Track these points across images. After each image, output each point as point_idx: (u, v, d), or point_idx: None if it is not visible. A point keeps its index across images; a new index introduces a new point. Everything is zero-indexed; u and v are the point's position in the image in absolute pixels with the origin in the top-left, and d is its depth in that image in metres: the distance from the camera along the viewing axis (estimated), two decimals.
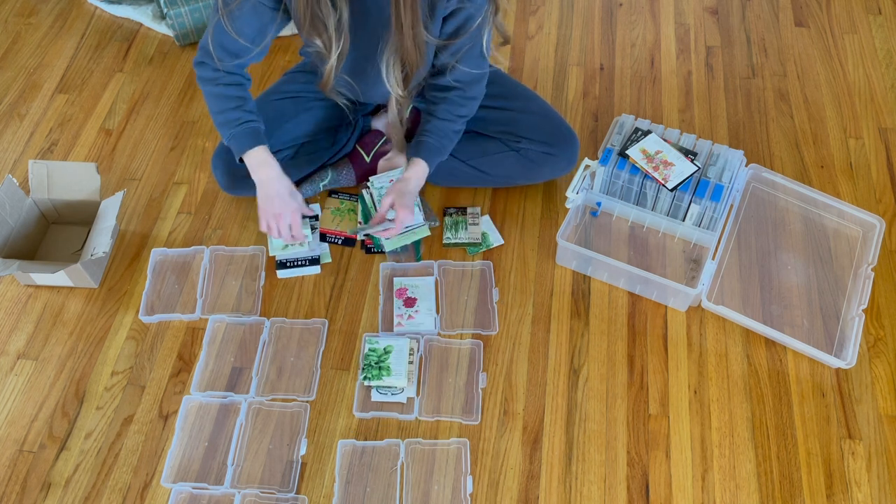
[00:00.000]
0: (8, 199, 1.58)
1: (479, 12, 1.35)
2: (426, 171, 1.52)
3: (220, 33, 1.38)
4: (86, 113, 1.89)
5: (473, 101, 1.51)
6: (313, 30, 1.33)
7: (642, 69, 1.95)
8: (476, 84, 1.49)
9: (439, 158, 1.53)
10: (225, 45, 1.39)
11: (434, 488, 1.32)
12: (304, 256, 1.57)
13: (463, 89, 1.48)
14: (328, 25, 1.32)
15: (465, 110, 1.51)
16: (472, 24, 1.37)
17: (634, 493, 1.32)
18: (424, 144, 1.50)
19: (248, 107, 1.46)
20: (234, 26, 1.36)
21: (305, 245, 1.56)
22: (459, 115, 1.50)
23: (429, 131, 1.50)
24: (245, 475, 1.34)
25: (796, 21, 2.07)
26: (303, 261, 1.56)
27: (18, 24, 2.11)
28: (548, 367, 1.45)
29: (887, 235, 1.62)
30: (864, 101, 1.87)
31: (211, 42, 1.39)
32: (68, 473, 1.36)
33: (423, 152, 1.50)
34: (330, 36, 1.34)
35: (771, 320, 1.49)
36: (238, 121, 1.45)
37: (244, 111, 1.46)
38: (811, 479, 1.33)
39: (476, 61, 1.45)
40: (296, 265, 1.56)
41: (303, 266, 1.56)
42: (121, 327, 1.52)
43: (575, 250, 1.52)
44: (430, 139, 1.50)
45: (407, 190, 1.49)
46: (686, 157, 1.58)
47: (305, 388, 1.44)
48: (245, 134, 1.46)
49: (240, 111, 1.45)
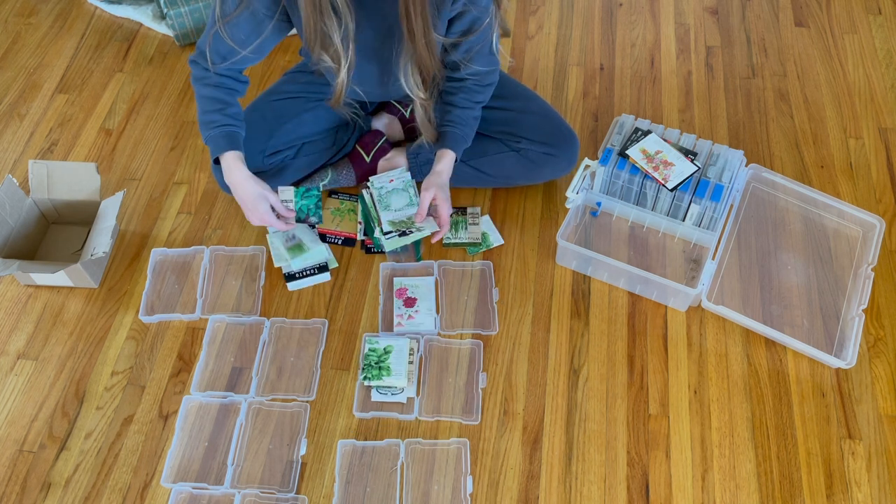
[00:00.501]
0: (8, 199, 1.58)
1: (485, 14, 1.37)
2: (454, 160, 1.53)
3: (216, 39, 1.38)
4: (86, 113, 1.89)
5: (489, 87, 1.53)
6: (321, 45, 1.34)
7: (642, 69, 1.95)
8: (491, 73, 1.51)
9: (465, 146, 1.54)
10: (220, 50, 1.40)
11: (434, 488, 1.32)
12: (311, 265, 1.56)
13: (479, 77, 1.49)
14: (334, 39, 1.32)
15: (481, 97, 1.53)
16: (479, 26, 1.38)
17: (634, 493, 1.32)
18: (450, 135, 1.51)
19: (229, 111, 1.46)
20: (231, 33, 1.36)
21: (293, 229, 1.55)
22: (476, 101, 1.52)
23: (452, 122, 1.51)
24: (245, 475, 1.34)
25: (796, 21, 2.07)
26: (311, 270, 1.56)
27: (18, 24, 2.11)
28: (548, 367, 1.45)
29: (887, 235, 1.62)
30: (864, 101, 1.87)
31: (207, 46, 1.40)
32: (68, 473, 1.36)
33: (449, 142, 1.51)
34: (337, 49, 1.34)
35: (771, 320, 1.49)
36: (216, 123, 1.45)
37: (224, 115, 1.45)
38: (811, 479, 1.33)
39: (487, 59, 1.46)
40: (305, 275, 1.56)
41: (313, 275, 1.56)
42: (121, 327, 1.52)
43: (575, 250, 1.52)
44: (455, 129, 1.51)
45: (443, 183, 1.51)
46: (686, 157, 1.58)
47: (305, 388, 1.44)
48: (220, 136, 1.45)
49: (220, 114, 1.45)
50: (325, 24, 1.30)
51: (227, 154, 1.45)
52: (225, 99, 1.45)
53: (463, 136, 1.52)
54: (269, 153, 1.58)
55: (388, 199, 1.58)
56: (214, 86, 1.44)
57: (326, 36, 1.32)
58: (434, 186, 1.49)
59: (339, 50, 1.34)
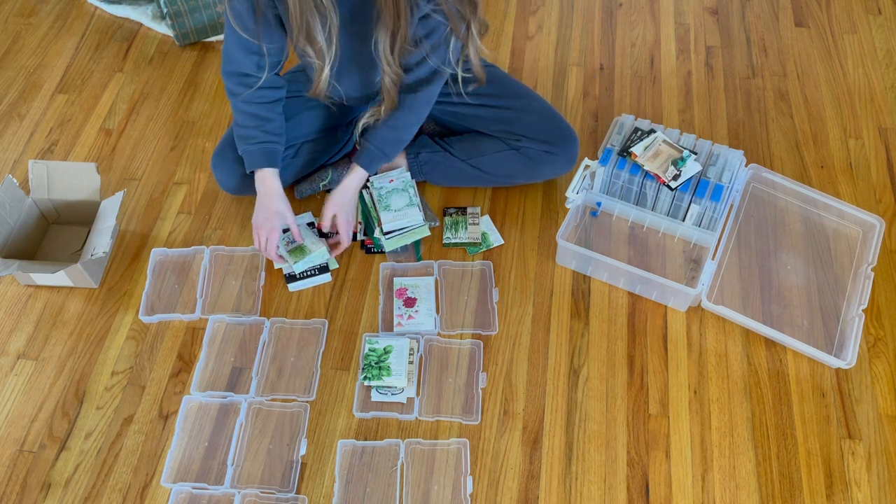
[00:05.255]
0: (8, 199, 1.58)
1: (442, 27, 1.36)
2: (364, 177, 1.55)
3: (233, 35, 1.38)
4: (86, 113, 1.89)
5: (424, 106, 1.50)
6: (306, 40, 1.34)
7: (642, 69, 1.95)
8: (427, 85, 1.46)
9: (379, 165, 1.55)
10: (242, 44, 1.39)
11: (434, 488, 1.32)
12: (312, 266, 1.57)
13: (415, 92, 1.46)
14: (319, 34, 1.32)
15: (414, 117, 1.51)
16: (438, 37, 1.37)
17: (634, 493, 1.32)
18: (365, 151, 1.53)
19: (268, 127, 1.49)
20: (243, 25, 1.36)
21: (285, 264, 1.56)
22: (407, 122, 1.51)
23: (371, 139, 1.52)
24: (245, 475, 1.34)
25: (796, 21, 2.07)
26: (312, 270, 1.56)
27: (18, 24, 2.11)
28: (548, 367, 1.45)
29: (887, 235, 1.62)
30: (864, 101, 1.87)
31: (230, 45, 1.41)
32: (68, 473, 1.36)
33: (362, 158, 1.53)
34: (321, 45, 1.34)
35: (771, 320, 1.49)
36: (254, 139, 1.48)
37: (263, 131, 1.48)
38: (811, 479, 1.33)
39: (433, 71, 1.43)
40: (306, 276, 1.56)
41: (313, 276, 1.56)
42: (121, 327, 1.52)
43: (575, 250, 1.52)
44: (372, 146, 1.52)
45: (343, 201, 1.54)
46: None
47: (305, 388, 1.44)
48: (259, 152, 1.49)
49: (258, 130, 1.48)
50: (310, 21, 1.30)
51: (266, 170, 1.50)
52: (264, 115, 1.48)
53: (378, 155, 1.53)
54: None
55: (388, 199, 1.58)
56: (253, 102, 1.47)
57: (311, 31, 1.32)
58: (334, 205, 1.53)
59: (322, 46, 1.34)
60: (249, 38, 1.37)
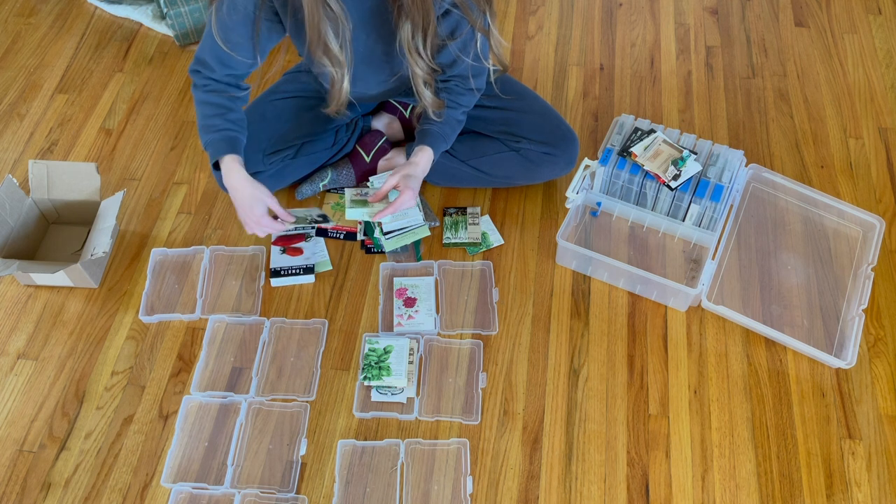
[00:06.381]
0: (8, 199, 1.58)
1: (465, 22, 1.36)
2: (432, 158, 1.51)
3: (212, 44, 1.38)
4: (86, 113, 1.89)
5: (473, 92, 1.51)
6: (321, 50, 1.33)
7: (642, 69, 1.95)
8: (477, 77, 1.49)
9: (444, 146, 1.52)
10: (220, 56, 1.40)
11: (434, 488, 1.32)
12: (299, 265, 1.57)
13: (465, 78, 1.47)
14: (332, 42, 1.32)
15: (465, 99, 1.51)
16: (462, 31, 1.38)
17: (634, 493, 1.32)
18: (429, 132, 1.50)
19: (230, 116, 1.45)
20: (227, 37, 1.36)
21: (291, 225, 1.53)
22: (460, 102, 1.50)
23: (433, 119, 1.50)
24: (245, 475, 1.34)
25: (796, 21, 2.07)
26: (297, 269, 1.56)
27: (18, 24, 2.11)
28: (548, 367, 1.45)
29: (887, 235, 1.62)
30: (864, 101, 1.87)
31: (206, 53, 1.40)
32: (68, 473, 1.36)
33: (428, 139, 1.50)
34: (336, 54, 1.34)
35: (771, 320, 1.49)
36: (216, 128, 1.44)
37: (225, 119, 1.45)
38: (811, 479, 1.33)
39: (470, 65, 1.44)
40: (290, 273, 1.56)
41: (297, 275, 1.56)
42: (121, 327, 1.52)
43: (575, 250, 1.52)
44: (435, 127, 1.49)
45: (414, 173, 1.48)
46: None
47: (305, 388, 1.44)
48: (221, 140, 1.44)
49: (220, 119, 1.44)
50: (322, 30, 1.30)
51: (226, 157, 1.44)
52: (226, 104, 1.45)
53: (442, 134, 1.50)
54: (269, 153, 1.58)
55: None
56: (216, 92, 1.44)
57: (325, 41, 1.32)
58: (400, 174, 1.47)
59: (337, 55, 1.34)
60: (228, 50, 1.37)
